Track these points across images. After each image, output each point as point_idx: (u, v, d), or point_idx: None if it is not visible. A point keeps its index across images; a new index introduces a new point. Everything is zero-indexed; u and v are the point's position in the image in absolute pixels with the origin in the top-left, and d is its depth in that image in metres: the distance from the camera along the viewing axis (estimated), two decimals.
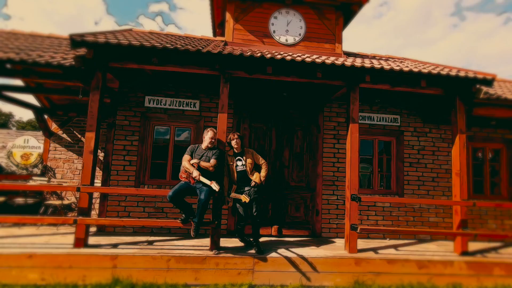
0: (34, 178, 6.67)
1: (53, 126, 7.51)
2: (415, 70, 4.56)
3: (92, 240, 4.38)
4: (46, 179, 7.04)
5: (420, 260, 4.26)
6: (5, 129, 9.36)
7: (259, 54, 4.21)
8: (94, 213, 6.08)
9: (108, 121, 5.24)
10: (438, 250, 4.86)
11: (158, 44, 4.11)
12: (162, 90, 5.44)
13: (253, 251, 4.17)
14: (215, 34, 7.44)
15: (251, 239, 4.32)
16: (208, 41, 5.83)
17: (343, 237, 5.26)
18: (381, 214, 5.67)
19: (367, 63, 4.56)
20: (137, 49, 4.06)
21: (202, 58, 4.27)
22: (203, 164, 3.95)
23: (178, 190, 3.83)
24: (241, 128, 5.47)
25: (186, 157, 4.05)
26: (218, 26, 6.96)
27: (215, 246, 4.13)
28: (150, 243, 4.42)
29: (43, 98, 7.08)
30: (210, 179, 3.86)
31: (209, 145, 4.11)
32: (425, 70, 4.58)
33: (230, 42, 5.53)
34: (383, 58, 6.25)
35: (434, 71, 4.55)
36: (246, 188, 4.22)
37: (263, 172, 4.35)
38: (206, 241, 4.28)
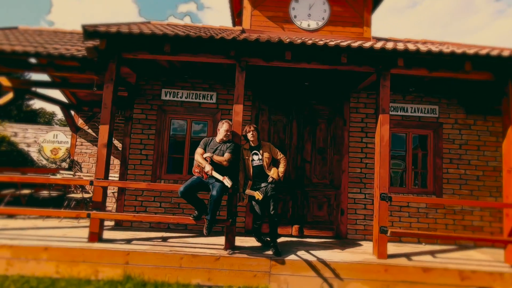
0: (61, 172, 6.88)
1: (79, 122, 7.72)
2: (458, 51, 3.95)
3: (108, 234, 4.34)
4: (72, 173, 7.26)
5: (463, 270, 3.70)
6: (36, 124, 9.89)
7: (276, 39, 3.86)
8: (113, 207, 6.14)
9: (126, 115, 5.19)
10: (484, 259, 4.24)
11: (170, 32, 3.91)
12: (178, 83, 5.28)
13: (270, 252, 3.87)
14: (234, 24, 7.18)
15: (269, 239, 4.02)
16: (225, 31, 5.57)
17: (371, 240, 4.78)
18: (415, 216, 5.10)
19: (400, 46, 4.03)
20: (149, 38, 3.89)
21: (215, 45, 4.01)
22: (217, 158, 3.71)
23: (190, 185, 3.63)
24: (260, 121, 5.16)
25: (199, 150, 3.83)
26: (237, 16, 6.69)
27: (230, 245, 3.88)
28: (165, 239, 4.29)
29: (70, 95, 7.27)
30: (223, 174, 3.61)
31: (224, 138, 3.86)
32: (471, 51, 3.95)
33: (248, 30, 5.22)
34: (419, 43, 5.60)
35: (482, 52, 3.91)
36: (263, 185, 3.92)
37: (281, 168, 4.02)
38: (222, 240, 4.06)
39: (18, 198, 5.36)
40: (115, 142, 6.82)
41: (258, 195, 3.74)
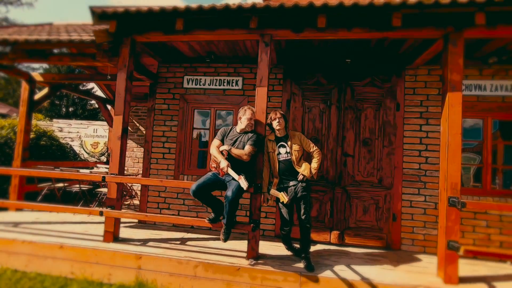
0: (98, 165, 6.99)
1: None
2: None
3: (127, 233, 4.08)
4: (109, 166, 7.36)
5: None
6: (78, 119, 10.47)
7: (305, 2, 3.09)
8: (137, 202, 5.99)
9: (148, 106, 4.89)
10: None
11: (182, 6, 3.39)
12: (200, 68, 4.80)
13: (301, 264, 3.19)
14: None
15: (299, 246, 3.33)
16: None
17: (433, 254, 3.79)
18: (496, 226, 3.92)
19: None
20: (159, 15, 3.43)
21: (233, 17, 3.39)
22: (235, 151, 3.11)
23: (204, 183, 3.09)
24: (292, 108, 4.43)
25: (215, 142, 3.28)
26: None
27: (252, 253, 3.29)
28: (183, 241, 3.87)
29: (105, 89, 7.35)
30: (243, 171, 3.01)
31: (247, 128, 3.25)
32: None
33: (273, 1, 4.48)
34: None
35: None
36: (291, 183, 3.22)
37: (314, 163, 3.28)
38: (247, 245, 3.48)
39: (53, 192, 5.46)
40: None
41: (283, 197, 3.07)
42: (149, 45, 4.37)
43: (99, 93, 7.95)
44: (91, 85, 14.55)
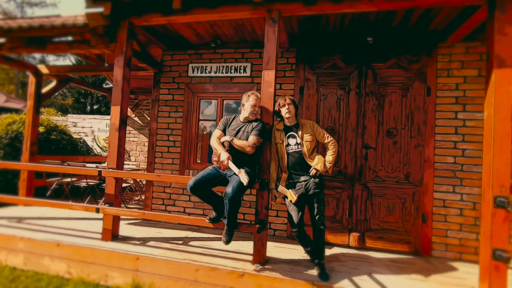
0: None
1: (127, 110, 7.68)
2: None
3: (128, 230, 3.85)
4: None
5: None
6: (91, 114, 10.51)
7: None
8: (142, 198, 5.78)
9: (152, 97, 4.63)
10: None
11: None
12: (206, 55, 4.45)
13: (314, 271, 2.79)
14: None
15: (312, 249, 2.92)
16: None
17: (471, 262, 3.26)
18: None
19: None
20: None
21: None
22: (237, 143, 2.75)
23: (203, 178, 2.75)
24: (305, 95, 3.98)
25: (215, 132, 2.93)
26: None
27: (259, 257, 2.93)
28: (186, 242, 3.57)
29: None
30: (243, 166, 2.65)
31: (250, 117, 2.87)
32: None
33: None
34: None
35: None
36: (302, 179, 2.81)
37: (329, 155, 2.84)
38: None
39: (62, 187, 5.38)
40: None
41: (291, 196, 2.67)
42: (151, 31, 4.08)
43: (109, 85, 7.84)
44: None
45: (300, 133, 2.84)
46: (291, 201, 2.71)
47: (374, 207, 3.68)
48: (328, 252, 3.37)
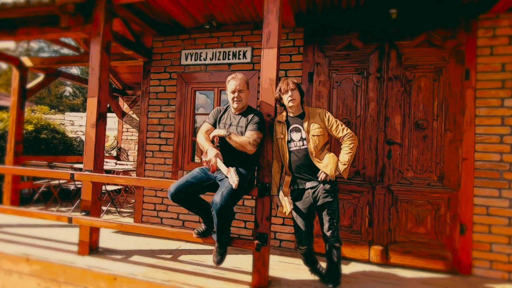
0: (107, 160, 6.49)
1: (125, 107, 7.26)
2: None
3: (113, 240, 3.38)
4: (121, 161, 6.84)
5: None
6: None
7: None
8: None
9: (142, 89, 4.12)
10: None
11: None
12: (201, 39, 3.91)
13: None
14: None
15: (326, 273, 2.34)
16: None
17: None
18: None
19: None
20: None
21: None
22: (236, 139, 2.20)
23: (187, 183, 2.21)
24: (315, 83, 3.38)
25: (204, 126, 2.39)
26: None
27: (259, 280, 2.37)
28: (176, 255, 3.05)
29: (114, 78, 6.80)
30: (235, 166, 2.09)
31: (234, 106, 2.31)
32: None
33: None
34: None
35: None
36: (309, 184, 2.22)
37: (345, 154, 2.21)
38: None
39: (49, 189, 4.97)
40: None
41: (286, 207, 2.09)
42: (138, 13, 3.58)
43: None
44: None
45: (305, 125, 2.25)
46: (296, 210, 2.13)
47: (400, 215, 3.05)
48: (344, 269, 2.78)
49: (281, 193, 2.23)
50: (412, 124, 3.09)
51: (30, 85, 4.95)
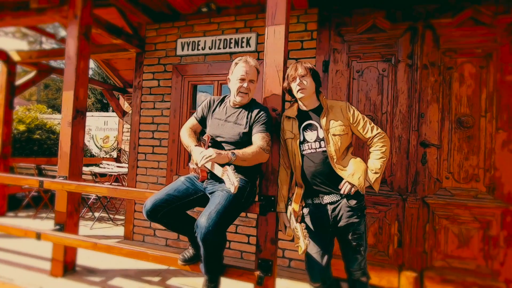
0: (105, 162, 6.11)
1: (125, 105, 6.89)
2: None
3: (95, 257, 2.92)
4: (114, 163, 6.46)
5: None
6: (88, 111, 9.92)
7: None
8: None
9: (134, 83, 3.69)
10: None
11: None
12: (199, 25, 3.43)
13: None
14: None
15: None
16: None
17: None
18: None
19: None
20: None
21: None
22: (247, 156, 1.61)
23: (167, 197, 1.70)
24: (331, 73, 2.84)
25: (189, 121, 1.91)
26: None
27: None
28: (165, 278, 2.57)
29: (114, 75, 6.44)
30: (247, 174, 1.59)
31: (243, 100, 1.79)
32: None
33: None
34: None
35: None
36: (327, 199, 1.68)
37: (376, 160, 1.65)
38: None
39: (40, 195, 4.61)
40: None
41: (302, 239, 1.53)
42: None
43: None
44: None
45: (323, 121, 1.71)
46: (311, 235, 1.60)
47: (438, 234, 2.47)
48: None
49: (289, 210, 1.71)
50: (453, 122, 2.50)
51: (19, 81, 4.60)
